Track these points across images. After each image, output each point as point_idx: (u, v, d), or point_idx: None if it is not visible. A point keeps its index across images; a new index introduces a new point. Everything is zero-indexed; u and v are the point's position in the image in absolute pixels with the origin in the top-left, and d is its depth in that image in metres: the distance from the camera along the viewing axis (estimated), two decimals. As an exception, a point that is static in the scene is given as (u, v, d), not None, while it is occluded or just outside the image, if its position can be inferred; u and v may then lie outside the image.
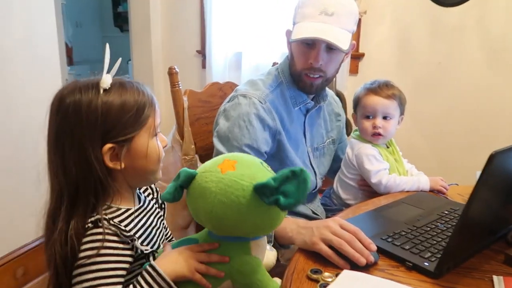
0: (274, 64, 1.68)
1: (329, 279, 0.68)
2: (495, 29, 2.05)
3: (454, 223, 0.90)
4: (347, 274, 0.70)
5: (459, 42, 2.12)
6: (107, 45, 0.75)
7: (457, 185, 1.21)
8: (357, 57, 2.28)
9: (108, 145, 0.69)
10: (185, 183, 0.68)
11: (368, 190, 1.16)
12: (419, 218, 0.93)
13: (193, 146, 1.22)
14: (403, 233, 0.85)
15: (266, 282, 0.68)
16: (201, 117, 1.30)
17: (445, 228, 0.88)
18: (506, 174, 0.73)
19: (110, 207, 0.72)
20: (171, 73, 1.19)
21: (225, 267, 0.68)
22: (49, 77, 1.74)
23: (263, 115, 1.06)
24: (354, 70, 2.27)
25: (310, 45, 1.05)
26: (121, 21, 5.21)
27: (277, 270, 1.05)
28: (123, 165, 0.70)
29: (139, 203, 0.80)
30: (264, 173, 0.66)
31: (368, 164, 1.11)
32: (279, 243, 0.91)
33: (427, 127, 2.25)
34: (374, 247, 0.75)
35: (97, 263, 0.66)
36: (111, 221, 0.69)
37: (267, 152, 1.09)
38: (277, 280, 0.73)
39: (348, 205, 1.18)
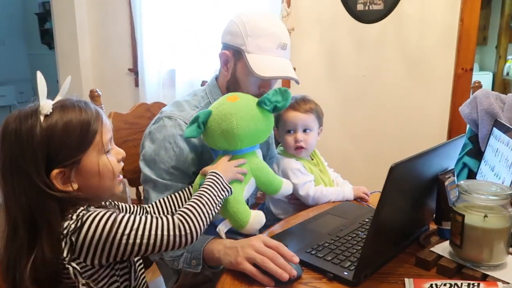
0: (204, 83, 1.69)
1: (253, 298, 0.69)
2: (410, 44, 2.24)
3: (374, 230, 0.95)
4: (270, 291, 0.71)
5: (380, 56, 2.28)
6: (39, 73, 0.73)
7: (380, 192, 1.27)
8: (288, 71, 2.35)
9: (56, 170, 0.69)
10: (205, 119, 0.95)
11: (298, 203, 1.19)
12: (342, 228, 0.97)
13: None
14: (326, 244, 0.88)
15: (275, 177, 1.04)
16: (128, 139, 1.26)
17: (364, 236, 0.93)
18: (410, 181, 0.79)
19: (76, 209, 0.71)
20: (93, 96, 1.15)
21: (247, 167, 0.98)
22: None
23: None
24: (286, 85, 2.34)
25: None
26: (49, 38, 4.95)
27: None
28: (76, 187, 0.71)
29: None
30: (253, 97, 1.00)
31: (294, 178, 1.15)
32: (208, 265, 0.91)
33: (357, 136, 2.38)
34: (296, 260, 0.78)
35: (118, 219, 0.69)
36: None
37: (195, 173, 1.08)
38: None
39: (280, 219, 1.21)
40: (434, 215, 0.92)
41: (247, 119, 0.94)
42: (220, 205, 0.84)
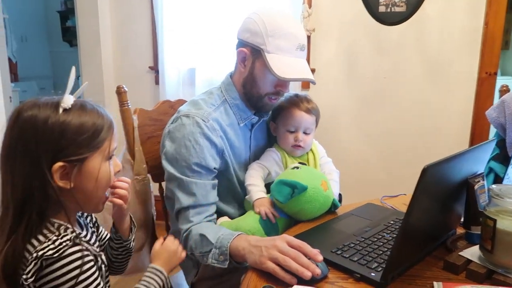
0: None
1: (281, 296, 0.70)
2: (431, 47, 2.21)
3: (399, 233, 0.94)
4: (297, 289, 0.72)
5: (401, 59, 2.25)
6: (73, 68, 0.76)
7: (405, 195, 1.27)
8: (308, 72, 2.35)
9: (59, 163, 0.69)
10: (298, 194, 1.01)
11: None
12: (367, 229, 0.96)
13: (144, 165, 1.19)
14: (352, 244, 0.88)
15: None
16: (152, 135, 1.27)
17: (390, 238, 0.92)
18: (440, 184, 0.78)
19: (67, 228, 0.71)
20: (120, 92, 1.16)
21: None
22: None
23: (208, 133, 1.07)
24: (306, 86, 2.34)
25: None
26: (70, 35, 5.05)
27: (232, 282, 1.05)
28: (72, 185, 0.70)
29: (81, 229, 0.80)
30: (332, 192, 1.10)
31: (261, 159, 1.22)
32: (235, 261, 0.91)
33: (376, 138, 2.36)
34: (320, 258, 0.78)
35: (84, 280, 0.67)
36: (83, 239, 0.71)
37: (217, 169, 1.09)
38: None
39: None
40: (462, 219, 0.91)
41: (321, 209, 1.06)
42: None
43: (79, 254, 0.68)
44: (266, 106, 1.17)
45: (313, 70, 2.35)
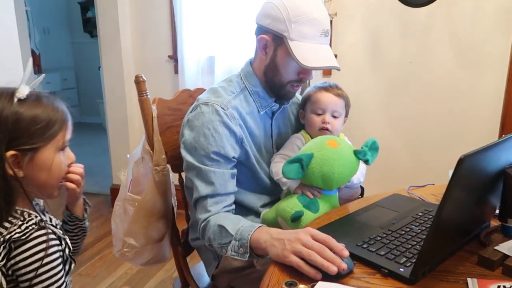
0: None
1: (304, 292, 0.67)
2: (461, 29, 2.10)
3: (428, 225, 0.90)
4: (322, 285, 0.69)
5: (428, 42, 2.16)
6: (30, 59, 0.79)
7: (434, 185, 1.21)
8: (329, 58, 2.28)
9: (11, 152, 0.71)
10: (307, 163, 0.98)
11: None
12: (394, 222, 0.92)
13: (163, 156, 1.17)
14: (379, 238, 0.84)
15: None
16: (172, 125, 1.26)
17: (419, 230, 0.87)
18: (476, 175, 0.73)
19: (30, 213, 0.74)
20: (138, 82, 1.14)
21: (328, 207, 1.05)
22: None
23: (227, 121, 1.04)
24: (327, 72, 2.28)
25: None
26: (91, 26, 5.10)
27: (253, 276, 1.03)
28: (21, 174, 0.72)
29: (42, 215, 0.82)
30: (349, 145, 1.06)
31: (283, 148, 1.19)
32: (255, 253, 0.89)
33: (401, 125, 2.29)
34: (346, 253, 0.74)
35: (48, 263, 0.71)
36: (47, 223, 0.74)
37: (236, 158, 1.07)
38: None
39: None
40: (498, 212, 0.86)
41: (346, 166, 1.00)
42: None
43: (44, 238, 0.72)
44: (289, 94, 1.14)
45: (335, 56, 2.28)
